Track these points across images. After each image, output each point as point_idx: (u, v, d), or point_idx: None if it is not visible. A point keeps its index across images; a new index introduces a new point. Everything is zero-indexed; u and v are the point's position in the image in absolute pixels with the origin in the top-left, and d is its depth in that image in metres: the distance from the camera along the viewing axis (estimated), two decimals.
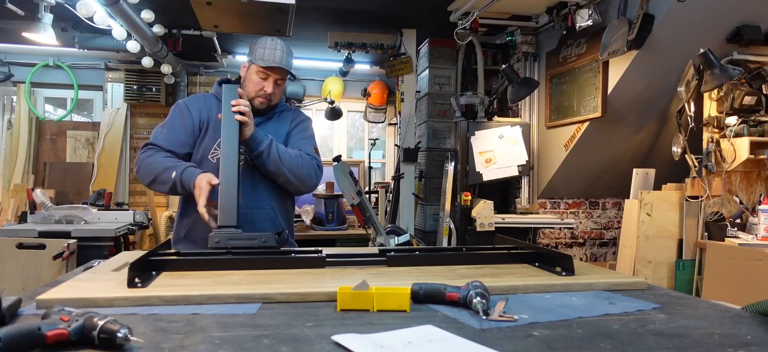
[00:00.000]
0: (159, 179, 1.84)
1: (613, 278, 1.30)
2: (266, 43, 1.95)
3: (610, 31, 3.57)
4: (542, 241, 4.69)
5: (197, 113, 1.98)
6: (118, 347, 0.78)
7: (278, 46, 1.95)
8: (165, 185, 1.84)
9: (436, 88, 4.98)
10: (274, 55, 1.92)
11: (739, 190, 3.83)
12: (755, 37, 3.52)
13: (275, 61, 1.92)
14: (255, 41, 1.97)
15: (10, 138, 5.92)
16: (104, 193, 4.55)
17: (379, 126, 6.74)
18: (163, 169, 1.84)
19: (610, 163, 4.46)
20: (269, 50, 1.93)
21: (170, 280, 1.22)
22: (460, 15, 4.16)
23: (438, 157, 4.97)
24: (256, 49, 1.94)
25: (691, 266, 3.68)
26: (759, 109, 3.65)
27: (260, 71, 1.94)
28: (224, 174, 1.69)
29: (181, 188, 1.80)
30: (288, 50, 1.97)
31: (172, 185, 1.82)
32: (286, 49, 1.97)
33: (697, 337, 0.90)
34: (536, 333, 0.90)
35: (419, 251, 1.56)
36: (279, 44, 1.96)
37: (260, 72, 1.94)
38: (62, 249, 3.18)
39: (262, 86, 1.95)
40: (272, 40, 1.96)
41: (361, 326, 0.93)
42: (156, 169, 1.85)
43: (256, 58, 1.93)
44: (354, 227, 5.42)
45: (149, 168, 1.86)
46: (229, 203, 1.65)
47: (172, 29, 4.96)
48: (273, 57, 1.92)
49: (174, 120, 1.98)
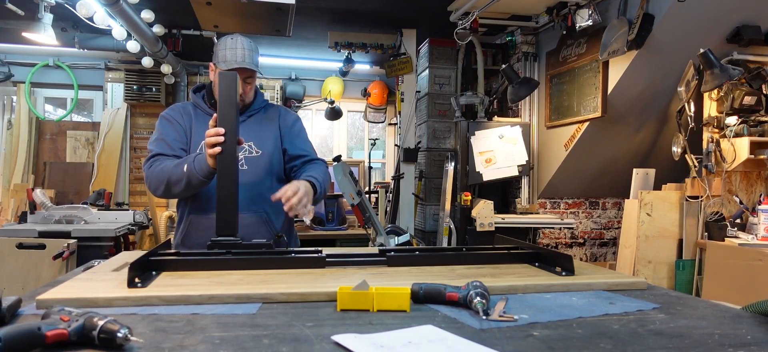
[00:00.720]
0: (172, 179, 1.78)
1: (613, 278, 1.30)
2: (227, 43, 1.89)
3: (610, 31, 3.58)
4: (542, 241, 4.69)
5: (181, 121, 1.94)
6: (118, 347, 0.78)
7: (239, 44, 1.88)
8: (179, 182, 1.77)
9: (436, 88, 4.98)
10: (236, 55, 1.86)
11: (739, 190, 3.83)
12: (755, 37, 3.52)
13: (237, 62, 1.85)
14: (217, 42, 1.92)
15: (10, 138, 5.92)
16: (104, 193, 4.56)
17: (379, 126, 6.74)
18: (173, 167, 1.79)
19: (610, 163, 4.46)
20: (230, 51, 1.87)
21: (170, 280, 1.22)
22: (460, 15, 4.16)
23: (438, 157, 4.97)
24: (217, 50, 1.89)
25: (691, 266, 3.68)
26: (759, 109, 3.65)
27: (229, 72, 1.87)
28: (222, 182, 1.61)
29: (198, 170, 1.72)
30: (251, 47, 1.90)
31: (187, 180, 1.75)
32: (249, 45, 1.90)
33: (697, 337, 0.90)
34: (536, 333, 0.90)
35: (419, 251, 1.56)
36: (240, 43, 1.89)
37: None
38: (62, 249, 3.18)
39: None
40: (232, 38, 1.90)
41: (361, 326, 0.93)
42: (166, 172, 1.80)
43: (219, 61, 1.87)
44: (354, 227, 5.42)
45: (160, 175, 1.82)
46: (228, 212, 1.58)
47: (172, 29, 4.96)
48: (235, 57, 1.85)
49: (166, 129, 1.93)
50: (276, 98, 6.16)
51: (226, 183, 1.61)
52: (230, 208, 1.58)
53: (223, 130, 1.63)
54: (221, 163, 1.62)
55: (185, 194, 1.85)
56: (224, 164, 1.62)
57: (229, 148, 1.62)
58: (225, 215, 1.58)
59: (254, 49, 1.91)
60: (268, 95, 6.08)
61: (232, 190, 1.60)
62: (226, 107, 1.64)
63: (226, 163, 1.62)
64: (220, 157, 1.63)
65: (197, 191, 1.82)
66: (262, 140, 1.96)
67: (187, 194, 1.84)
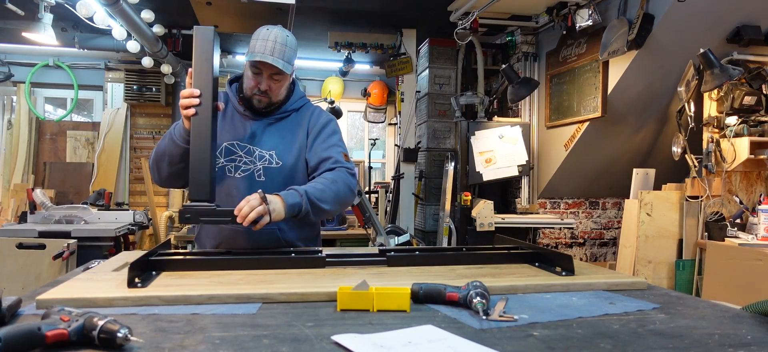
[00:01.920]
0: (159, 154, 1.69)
1: (613, 278, 1.30)
2: (260, 33, 1.70)
3: (610, 31, 3.58)
4: (542, 241, 4.69)
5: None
6: (118, 347, 0.78)
7: (272, 36, 1.68)
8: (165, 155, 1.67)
9: (436, 88, 4.98)
10: (265, 47, 1.66)
11: (739, 190, 3.83)
12: (755, 37, 3.52)
13: (264, 56, 1.65)
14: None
15: (10, 138, 5.92)
16: (104, 193, 4.56)
17: (379, 126, 6.74)
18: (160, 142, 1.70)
19: (610, 163, 4.46)
20: (261, 41, 1.67)
21: (170, 280, 1.22)
22: (460, 15, 4.16)
23: (438, 157, 4.97)
24: (251, 39, 1.71)
25: (691, 266, 3.68)
26: (759, 109, 3.65)
27: (252, 65, 1.70)
28: (195, 144, 1.51)
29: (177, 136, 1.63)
30: (286, 41, 1.70)
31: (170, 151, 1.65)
32: (283, 39, 1.69)
33: (697, 337, 0.90)
34: (536, 333, 0.90)
35: (419, 251, 1.56)
36: (273, 34, 1.68)
37: (252, 66, 1.70)
38: (62, 249, 3.18)
39: (255, 83, 1.71)
40: (268, 29, 1.70)
41: (361, 326, 0.93)
42: (158, 150, 1.70)
43: (248, 51, 1.70)
44: (354, 227, 5.41)
45: (155, 156, 1.72)
46: (201, 176, 1.50)
47: (172, 29, 4.96)
48: (264, 49, 1.66)
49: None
50: None
51: (200, 146, 1.52)
52: (203, 171, 1.51)
53: (198, 91, 1.52)
54: (195, 126, 1.52)
55: (173, 169, 1.70)
56: (199, 127, 1.52)
57: (204, 110, 1.52)
58: (198, 178, 1.51)
59: (289, 45, 1.70)
60: None
61: (206, 153, 1.52)
62: (202, 65, 1.53)
63: (200, 126, 1.52)
64: (195, 119, 1.52)
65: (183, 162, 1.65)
66: (285, 150, 1.77)
67: (174, 168, 1.69)
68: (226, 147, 1.75)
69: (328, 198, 1.64)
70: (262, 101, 1.73)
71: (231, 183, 1.74)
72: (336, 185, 1.68)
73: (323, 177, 1.70)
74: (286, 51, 1.68)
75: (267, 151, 1.75)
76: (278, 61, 1.66)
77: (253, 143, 1.76)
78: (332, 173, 1.72)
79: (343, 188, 1.70)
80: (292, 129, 1.80)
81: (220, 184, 1.73)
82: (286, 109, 1.80)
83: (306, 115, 1.83)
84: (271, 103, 1.76)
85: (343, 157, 1.78)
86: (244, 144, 1.76)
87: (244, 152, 1.75)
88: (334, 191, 1.67)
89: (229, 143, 1.75)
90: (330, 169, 1.74)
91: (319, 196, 1.63)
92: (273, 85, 1.72)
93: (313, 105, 1.90)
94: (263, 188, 1.63)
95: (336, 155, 1.76)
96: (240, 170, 1.74)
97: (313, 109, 1.87)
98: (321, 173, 1.74)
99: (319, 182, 1.67)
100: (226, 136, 1.76)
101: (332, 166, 1.74)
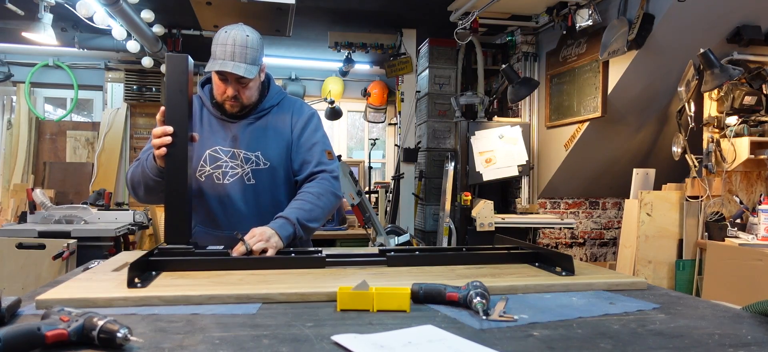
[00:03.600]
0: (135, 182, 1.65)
1: (613, 278, 1.30)
2: (219, 37, 1.60)
3: (610, 31, 3.58)
4: (542, 241, 4.69)
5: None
6: (117, 347, 0.78)
7: (231, 39, 1.58)
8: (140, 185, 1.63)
9: (436, 88, 4.98)
10: (225, 53, 1.58)
11: (739, 190, 3.83)
12: (755, 37, 3.52)
13: (224, 63, 1.58)
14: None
15: (10, 138, 5.92)
16: (104, 193, 4.55)
17: (379, 126, 6.74)
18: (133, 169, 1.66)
19: (610, 164, 4.46)
20: (220, 47, 1.59)
21: (170, 280, 1.22)
22: (460, 15, 4.16)
23: (438, 157, 4.97)
24: (212, 44, 1.62)
25: (691, 266, 3.67)
26: (759, 109, 3.65)
27: (216, 73, 1.63)
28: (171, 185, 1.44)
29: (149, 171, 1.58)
30: (246, 42, 1.60)
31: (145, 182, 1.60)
32: (243, 40, 1.59)
33: (697, 337, 0.90)
34: (536, 333, 0.90)
35: (419, 251, 1.56)
36: (232, 37, 1.59)
37: (217, 73, 1.63)
38: (62, 249, 3.18)
39: (223, 90, 1.64)
40: (226, 31, 1.61)
41: (361, 326, 0.93)
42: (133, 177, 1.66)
43: (210, 57, 1.62)
44: (354, 227, 5.41)
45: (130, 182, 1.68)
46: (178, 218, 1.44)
47: (172, 29, 4.96)
48: (224, 54, 1.58)
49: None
50: None
51: (176, 186, 1.45)
52: (180, 213, 1.45)
53: (172, 129, 1.44)
54: (170, 164, 1.45)
55: (152, 196, 1.65)
56: (174, 165, 1.45)
57: (180, 149, 1.44)
58: (174, 220, 1.45)
59: (251, 45, 1.61)
60: None
61: (182, 193, 1.45)
62: (176, 96, 1.43)
63: (175, 163, 1.45)
64: (169, 158, 1.45)
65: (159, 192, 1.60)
66: (270, 150, 1.73)
67: (152, 196, 1.64)
68: (210, 155, 1.70)
69: (317, 216, 1.65)
70: (235, 106, 1.69)
71: (221, 190, 1.70)
72: (322, 200, 1.67)
73: (309, 193, 1.68)
74: (248, 53, 1.60)
75: (252, 152, 1.71)
76: (239, 67, 1.58)
77: (237, 146, 1.71)
78: (316, 185, 1.69)
79: (329, 199, 1.70)
80: (274, 127, 1.74)
81: (211, 193, 1.70)
82: (264, 108, 1.75)
83: (287, 111, 1.78)
84: (246, 106, 1.71)
85: (326, 156, 1.75)
86: (227, 148, 1.70)
87: (228, 157, 1.70)
88: (321, 206, 1.67)
89: (212, 150, 1.70)
90: (313, 175, 1.72)
91: (309, 217, 1.62)
92: (241, 89, 1.65)
93: (292, 99, 1.84)
94: (254, 190, 1.65)
95: (318, 156, 1.73)
96: (228, 176, 1.70)
97: (293, 103, 1.81)
98: (304, 178, 1.73)
99: (306, 202, 1.65)
100: (207, 144, 1.71)
101: (315, 170, 1.72)
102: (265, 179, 1.71)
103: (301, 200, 1.66)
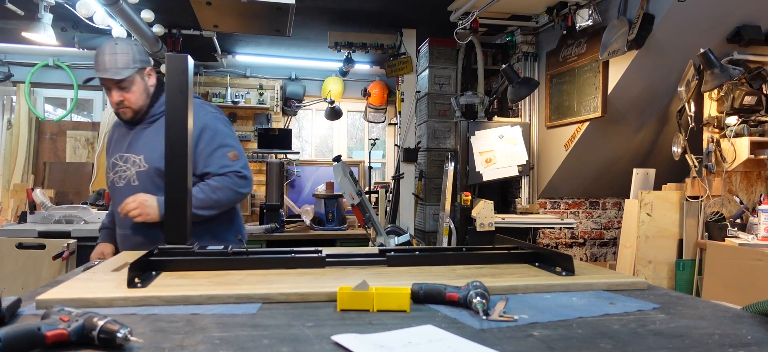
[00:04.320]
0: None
1: (613, 278, 1.30)
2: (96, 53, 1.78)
3: (610, 31, 3.57)
4: (542, 241, 4.69)
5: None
6: (117, 347, 0.78)
7: (101, 51, 1.77)
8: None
9: (436, 88, 4.98)
10: (98, 64, 1.77)
11: (739, 190, 3.83)
12: (755, 37, 3.52)
13: (99, 73, 1.77)
14: None
15: (9, 138, 5.92)
16: (104, 193, 4.55)
17: (379, 126, 6.74)
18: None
19: (610, 164, 4.46)
20: (96, 61, 1.77)
21: (170, 280, 1.22)
22: (460, 15, 4.16)
23: (438, 157, 4.97)
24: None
25: (691, 266, 3.68)
26: (759, 109, 3.65)
27: (101, 85, 1.81)
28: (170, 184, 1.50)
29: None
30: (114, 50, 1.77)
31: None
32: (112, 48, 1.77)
33: (697, 337, 0.90)
34: (536, 333, 0.90)
35: (419, 251, 1.56)
36: (101, 50, 1.77)
37: (101, 86, 1.82)
38: (62, 249, 3.18)
39: (111, 98, 1.81)
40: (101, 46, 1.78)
41: (361, 326, 0.93)
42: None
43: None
44: (354, 227, 5.41)
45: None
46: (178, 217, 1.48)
47: (172, 29, 4.96)
48: (97, 65, 1.77)
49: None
50: (276, 98, 6.15)
51: (176, 186, 1.51)
52: (180, 213, 1.50)
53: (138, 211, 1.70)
54: (171, 165, 1.51)
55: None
56: (174, 166, 1.50)
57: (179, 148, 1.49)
58: (174, 220, 1.49)
59: (120, 51, 1.77)
60: (268, 95, 6.08)
61: (182, 193, 1.50)
62: (176, 96, 1.48)
63: (175, 164, 1.50)
64: (169, 158, 1.51)
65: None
66: (152, 153, 1.81)
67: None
68: (112, 162, 1.87)
69: (207, 205, 1.76)
70: (126, 113, 1.83)
71: (117, 193, 1.86)
72: (217, 193, 1.78)
73: (207, 184, 1.79)
74: (117, 58, 1.76)
75: (137, 155, 1.83)
76: (107, 71, 1.75)
77: (128, 151, 1.85)
78: (217, 180, 1.80)
79: (226, 193, 1.80)
80: (157, 132, 1.82)
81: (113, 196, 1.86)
82: (155, 113, 1.86)
83: None
84: (135, 111, 1.84)
85: (230, 159, 1.82)
86: (123, 153, 1.85)
87: (122, 161, 1.85)
88: (214, 198, 1.77)
89: (115, 157, 1.87)
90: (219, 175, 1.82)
91: (197, 204, 1.72)
92: (125, 94, 1.80)
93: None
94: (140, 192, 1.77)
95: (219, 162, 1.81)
96: (121, 179, 1.84)
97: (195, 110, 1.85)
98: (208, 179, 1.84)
99: (200, 191, 1.77)
100: (114, 153, 1.88)
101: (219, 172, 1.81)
102: (146, 181, 1.82)
103: (197, 188, 1.77)
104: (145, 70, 1.85)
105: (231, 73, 6.09)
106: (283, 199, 5.50)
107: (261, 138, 5.67)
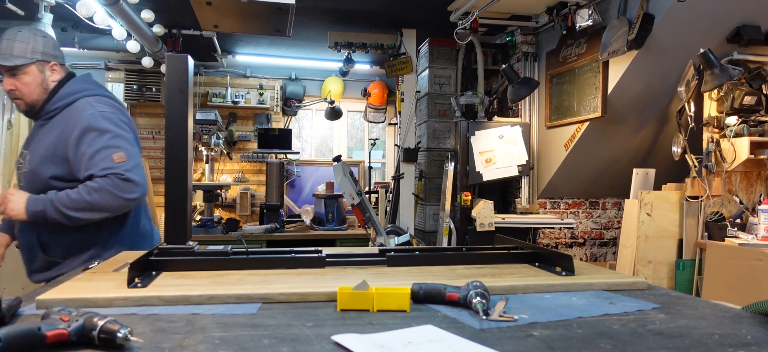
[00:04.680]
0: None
1: (613, 278, 1.30)
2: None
3: (610, 31, 3.57)
4: (542, 241, 4.69)
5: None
6: (118, 347, 0.78)
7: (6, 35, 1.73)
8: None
9: (436, 88, 4.98)
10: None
11: (739, 190, 3.83)
12: (755, 37, 3.52)
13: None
14: None
15: (10, 138, 5.92)
16: None
17: (379, 126, 6.74)
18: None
19: (610, 163, 4.46)
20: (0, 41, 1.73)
21: (170, 280, 1.22)
22: (460, 15, 4.16)
23: (438, 157, 4.97)
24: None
25: (691, 266, 3.68)
26: (759, 109, 3.65)
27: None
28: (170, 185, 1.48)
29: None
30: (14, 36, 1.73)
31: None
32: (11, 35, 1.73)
33: (697, 337, 0.90)
34: (536, 333, 0.90)
35: (419, 251, 1.56)
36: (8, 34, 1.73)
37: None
38: None
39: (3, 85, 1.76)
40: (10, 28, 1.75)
41: (361, 326, 0.93)
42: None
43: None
44: (354, 227, 5.41)
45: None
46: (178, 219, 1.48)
47: (172, 29, 4.96)
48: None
49: None
50: (276, 98, 6.16)
51: (176, 186, 1.50)
52: (180, 213, 1.49)
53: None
54: (171, 165, 1.49)
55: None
56: (174, 166, 1.49)
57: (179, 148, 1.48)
58: (174, 220, 1.49)
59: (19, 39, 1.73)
60: (268, 95, 6.08)
61: (182, 193, 1.49)
62: (176, 96, 1.46)
63: (175, 164, 1.49)
64: (170, 160, 1.50)
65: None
66: (35, 153, 1.76)
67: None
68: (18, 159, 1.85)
69: (81, 207, 1.65)
70: (20, 105, 1.78)
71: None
72: (94, 195, 1.65)
73: (83, 186, 1.68)
74: (14, 45, 1.71)
75: (27, 153, 1.80)
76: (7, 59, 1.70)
77: (26, 147, 1.83)
78: (96, 182, 1.67)
79: (104, 195, 1.66)
80: (49, 130, 1.76)
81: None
82: (50, 110, 1.79)
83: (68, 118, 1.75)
84: (28, 104, 1.78)
85: (113, 161, 1.69)
86: (24, 149, 1.83)
87: (21, 158, 1.82)
88: (90, 200, 1.65)
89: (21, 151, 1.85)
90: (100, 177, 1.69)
91: (69, 205, 1.64)
92: (16, 83, 1.74)
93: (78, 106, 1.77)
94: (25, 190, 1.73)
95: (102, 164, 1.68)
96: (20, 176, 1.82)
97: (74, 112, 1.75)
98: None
99: (75, 191, 1.67)
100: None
101: (102, 174, 1.68)
102: (29, 181, 1.78)
103: (73, 190, 1.69)
104: (49, 64, 1.77)
105: (231, 73, 6.09)
106: (283, 199, 5.50)
107: (261, 138, 5.67)
